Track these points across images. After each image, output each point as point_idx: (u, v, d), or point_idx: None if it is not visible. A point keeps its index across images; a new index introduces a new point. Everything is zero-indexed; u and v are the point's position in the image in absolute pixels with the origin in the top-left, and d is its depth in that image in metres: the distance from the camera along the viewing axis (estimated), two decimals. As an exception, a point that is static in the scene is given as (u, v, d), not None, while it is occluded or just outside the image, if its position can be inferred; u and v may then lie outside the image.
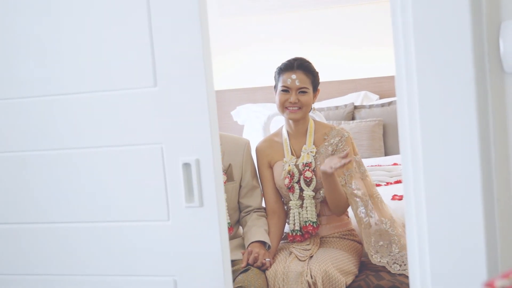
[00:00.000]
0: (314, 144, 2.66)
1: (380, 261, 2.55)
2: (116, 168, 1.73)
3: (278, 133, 2.79)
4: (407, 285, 2.61)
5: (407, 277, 2.64)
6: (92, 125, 1.73)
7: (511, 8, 1.34)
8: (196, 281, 1.69)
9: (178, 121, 1.66)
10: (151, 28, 1.65)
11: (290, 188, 2.62)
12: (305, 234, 2.61)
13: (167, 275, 1.72)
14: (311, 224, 2.59)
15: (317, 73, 2.70)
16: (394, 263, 2.56)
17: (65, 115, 1.75)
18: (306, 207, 2.60)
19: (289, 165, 2.64)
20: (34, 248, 1.85)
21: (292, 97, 2.59)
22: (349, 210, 2.75)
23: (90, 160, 1.75)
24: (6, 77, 1.79)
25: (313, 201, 2.61)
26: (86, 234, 1.78)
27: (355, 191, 2.60)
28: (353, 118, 4.98)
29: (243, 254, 2.49)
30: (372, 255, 2.55)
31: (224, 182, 2.51)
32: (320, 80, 2.72)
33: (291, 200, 2.63)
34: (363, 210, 2.60)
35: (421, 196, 1.41)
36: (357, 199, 2.59)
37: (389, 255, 2.64)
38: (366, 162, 4.38)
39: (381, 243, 2.58)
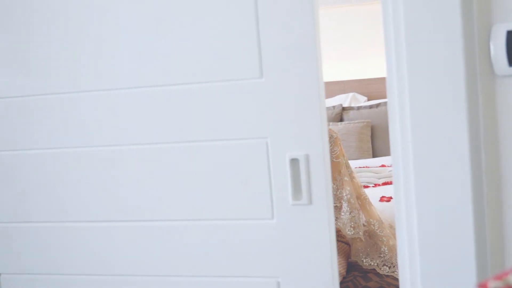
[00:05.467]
0: None
1: (370, 264, 2.56)
2: (218, 164, 1.63)
3: None
4: (396, 286, 2.64)
5: (395, 278, 2.67)
6: (193, 118, 1.63)
7: (501, 11, 1.35)
8: (301, 284, 1.62)
9: (285, 114, 1.58)
10: (258, 16, 1.56)
11: None
12: None
13: (270, 276, 1.63)
14: None
15: None
16: (384, 265, 2.58)
17: (163, 107, 1.64)
18: None
19: None
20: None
21: None
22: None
23: (190, 154, 1.64)
24: (96, 69, 1.68)
25: None
26: (182, 233, 1.67)
27: (347, 196, 2.61)
28: (341, 120, 4.99)
29: None
30: (362, 260, 2.56)
31: None
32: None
33: None
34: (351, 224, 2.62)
35: (412, 198, 1.41)
36: (347, 205, 2.61)
37: (379, 256, 2.65)
38: (354, 163, 4.41)
39: (368, 249, 2.60)
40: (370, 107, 4.85)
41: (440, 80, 1.35)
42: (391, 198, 3.42)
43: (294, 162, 1.59)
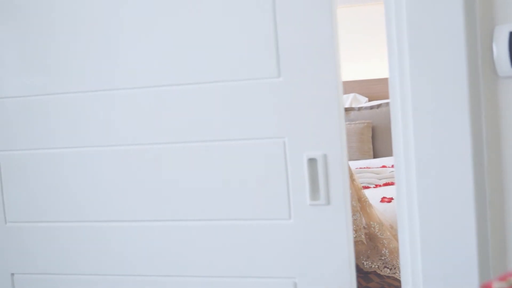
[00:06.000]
0: None
1: (371, 267, 2.56)
2: (235, 163, 1.62)
3: None
4: (396, 287, 2.65)
5: (396, 279, 2.67)
6: (210, 117, 1.61)
7: (504, 13, 1.35)
8: (319, 284, 1.60)
9: (303, 114, 1.57)
10: (275, 15, 1.55)
11: None
12: None
13: (286, 277, 1.62)
14: None
15: None
16: (385, 267, 2.59)
17: (179, 106, 1.63)
18: None
19: None
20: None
21: None
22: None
23: (207, 154, 1.63)
24: (112, 68, 1.67)
25: None
26: (198, 233, 1.66)
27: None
28: (342, 120, 4.97)
29: None
30: (363, 263, 2.56)
31: None
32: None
33: None
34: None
35: (414, 199, 1.41)
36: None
37: (380, 259, 2.66)
38: (355, 164, 4.41)
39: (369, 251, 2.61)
40: (371, 108, 4.86)
41: (443, 81, 1.34)
42: (392, 199, 3.42)
43: (311, 162, 1.58)
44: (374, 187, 3.93)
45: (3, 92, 1.77)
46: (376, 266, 2.59)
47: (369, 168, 4.34)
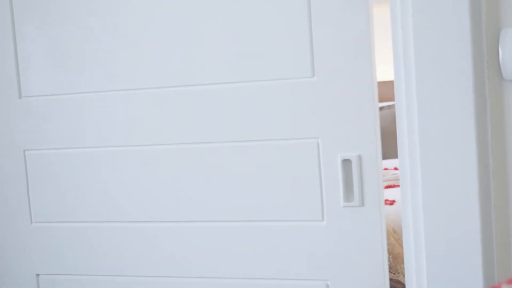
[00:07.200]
0: None
1: None
2: (268, 164, 1.60)
3: None
4: None
5: (397, 281, 2.65)
6: (243, 117, 1.60)
7: (510, 16, 1.35)
8: (351, 287, 1.58)
9: (337, 114, 1.55)
10: (310, 14, 1.54)
11: None
12: None
13: (318, 279, 1.60)
14: None
15: None
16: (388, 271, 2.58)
17: (212, 106, 1.61)
18: None
19: None
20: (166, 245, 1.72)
21: None
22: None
23: (240, 154, 1.61)
24: (143, 67, 1.65)
25: None
26: (230, 235, 1.64)
27: None
28: (346, 122, 4.98)
29: None
30: None
31: None
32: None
33: None
34: None
35: (419, 202, 1.40)
36: None
37: None
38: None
39: None
40: (375, 109, 4.84)
41: (449, 84, 1.33)
42: (394, 201, 3.40)
43: (345, 163, 1.56)
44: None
45: (30, 91, 1.75)
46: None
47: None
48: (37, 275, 1.83)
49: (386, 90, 4.95)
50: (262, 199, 1.61)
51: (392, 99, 4.99)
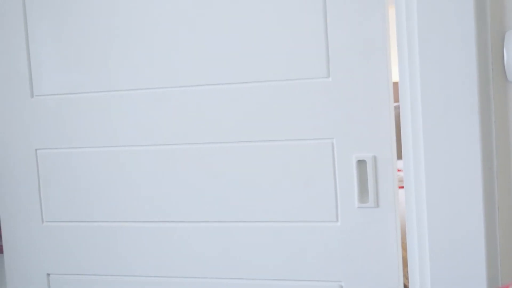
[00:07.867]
0: None
1: None
2: (282, 164, 1.59)
3: None
4: None
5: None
6: (257, 117, 1.59)
7: None
8: (365, 288, 1.58)
9: (352, 115, 1.54)
10: (326, 14, 1.53)
11: None
12: None
13: (332, 280, 1.59)
14: None
15: None
16: None
17: (226, 106, 1.60)
18: None
19: None
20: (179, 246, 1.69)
21: None
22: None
23: (254, 154, 1.60)
24: (158, 66, 1.65)
25: None
26: (243, 235, 1.63)
27: None
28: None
29: None
30: None
31: None
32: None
33: None
34: None
35: (423, 203, 1.40)
36: None
37: None
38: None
39: None
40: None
41: (453, 86, 1.33)
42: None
43: (360, 163, 1.55)
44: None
45: (42, 90, 1.75)
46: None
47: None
48: (48, 274, 1.82)
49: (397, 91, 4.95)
50: (276, 200, 1.60)
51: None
